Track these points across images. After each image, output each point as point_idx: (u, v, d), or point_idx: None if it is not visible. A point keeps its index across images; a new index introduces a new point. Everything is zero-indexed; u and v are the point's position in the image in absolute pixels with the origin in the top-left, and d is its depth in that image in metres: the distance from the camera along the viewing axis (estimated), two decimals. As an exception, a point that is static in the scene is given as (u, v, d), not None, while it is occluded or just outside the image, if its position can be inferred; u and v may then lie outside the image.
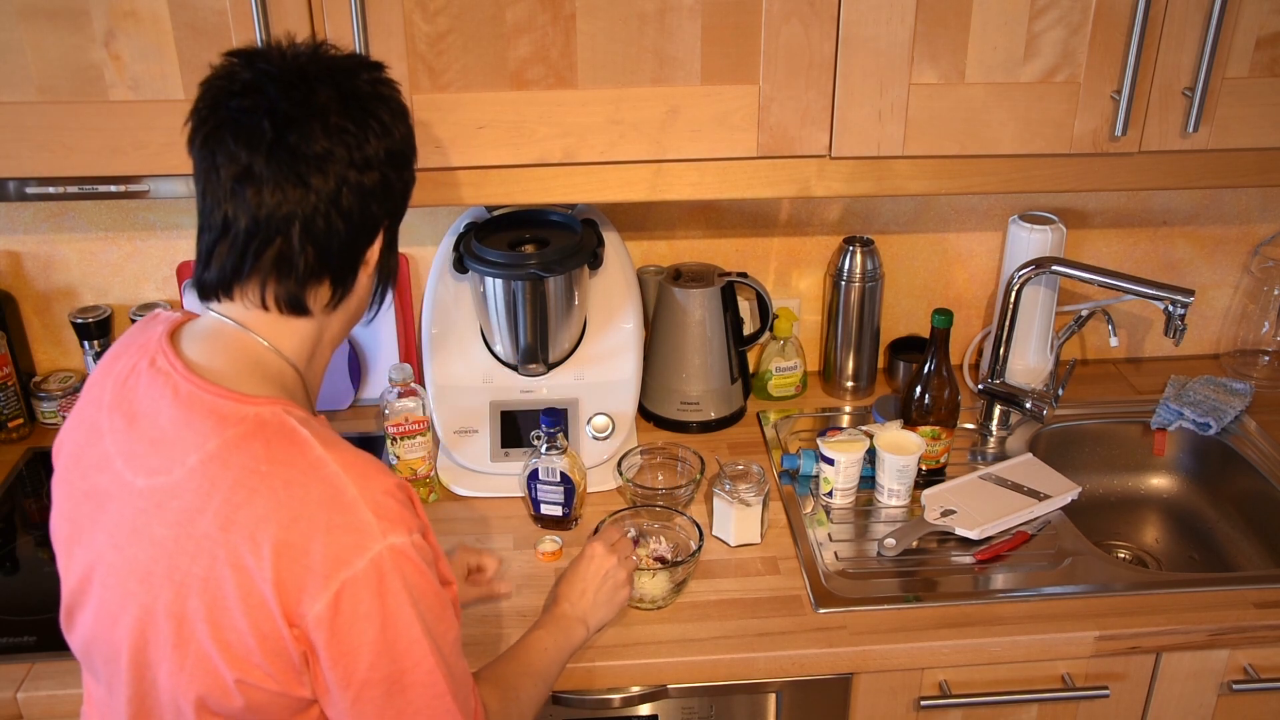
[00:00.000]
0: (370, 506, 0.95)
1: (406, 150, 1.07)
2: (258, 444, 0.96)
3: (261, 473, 0.95)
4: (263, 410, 0.99)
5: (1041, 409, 1.70)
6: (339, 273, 1.04)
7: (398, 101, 1.07)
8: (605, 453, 1.66)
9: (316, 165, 0.98)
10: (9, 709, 1.30)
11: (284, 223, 0.98)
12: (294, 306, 1.03)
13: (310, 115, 0.98)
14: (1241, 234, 1.92)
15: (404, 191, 1.09)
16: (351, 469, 0.97)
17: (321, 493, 0.95)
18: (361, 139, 1.00)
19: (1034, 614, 1.40)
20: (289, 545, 0.93)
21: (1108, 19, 1.35)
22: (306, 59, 1.02)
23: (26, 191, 1.39)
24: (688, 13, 1.32)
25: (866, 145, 1.41)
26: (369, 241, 1.05)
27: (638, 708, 1.38)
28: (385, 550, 0.94)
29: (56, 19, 1.28)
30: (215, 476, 0.95)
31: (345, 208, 1.00)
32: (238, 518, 0.94)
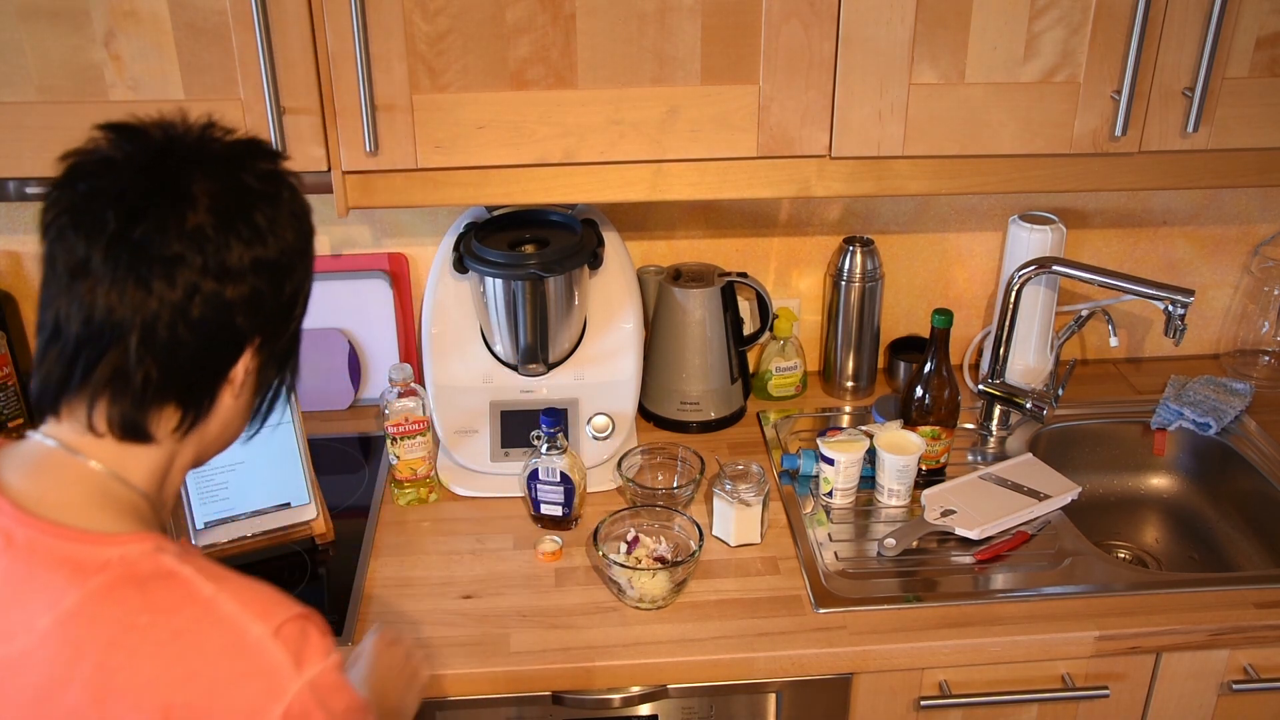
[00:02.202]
0: (280, 642, 0.82)
1: (289, 261, 0.90)
2: (131, 593, 0.82)
3: (141, 627, 0.80)
4: (128, 551, 0.84)
5: (1041, 409, 1.70)
6: (188, 395, 0.89)
7: (295, 202, 0.92)
8: (605, 453, 1.66)
9: (163, 268, 0.83)
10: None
11: (119, 330, 0.83)
12: (131, 431, 0.87)
13: (166, 209, 0.84)
14: (1241, 234, 1.92)
15: (285, 305, 0.92)
16: (251, 605, 0.84)
17: (221, 640, 0.81)
18: (223, 244, 0.85)
19: (1034, 614, 1.40)
20: (187, 708, 0.79)
21: (1108, 19, 1.35)
22: (186, 141, 0.89)
23: (26, 191, 1.39)
24: (688, 13, 1.32)
25: (866, 145, 1.41)
26: (230, 359, 0.90)
27: (638, 708, 1.38)
28: (305, 688, 0.82)
29: (56, 19, 1.28)
30: (80, 639, 0.80)
31: (196, 320, 0.85)
32: (115, 684, 0.79)
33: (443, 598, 1.44)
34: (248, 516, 1.51)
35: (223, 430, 0.95)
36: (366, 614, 1.42)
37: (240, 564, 1.50)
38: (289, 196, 0.92)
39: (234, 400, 0.93)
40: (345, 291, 1.81)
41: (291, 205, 0.92)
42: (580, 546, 1.53)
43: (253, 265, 0.87)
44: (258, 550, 1.52)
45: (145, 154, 0.87)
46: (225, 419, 0.94)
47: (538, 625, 1.39)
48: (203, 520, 1.48)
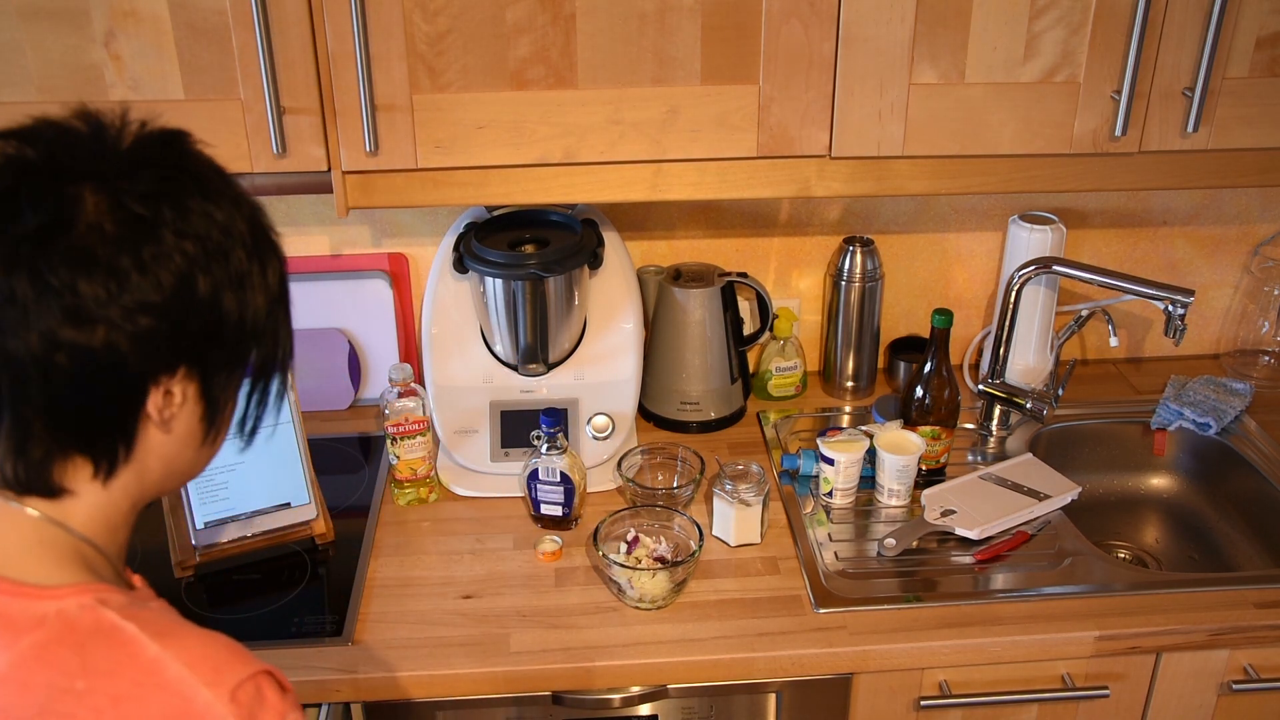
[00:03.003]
0: (234, 710, 0.75)
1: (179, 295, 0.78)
2: (67, 653, 0.74)
3: (78, 692, 0.73)
4: (66, 605, 0.76)
5: (1041, 409, 1.70)
6: (90, 444, 0.80)
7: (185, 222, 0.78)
8: (605, 453, 1.66)
9: (16, 317, 0.74)
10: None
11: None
12: (38, 487, 0.80)
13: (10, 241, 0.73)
14: (1241, 234, 1.92)
15: (200, 331, 0.80)
16: (202, 666, 0.76)
17: (164, 705, 0.74)
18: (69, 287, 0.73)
19: (1034, 614, 1.40)
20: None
21: (1108, 19, 1.35)
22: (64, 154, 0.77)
23: (26, 191, 1.39)
24: (688, 13, 1.32)
25: (866, 145, 1.41)
26: (131, 403, 0.79)
27: (638, 708, 1.38)
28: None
29: (56, 19, 1.28)
30: (10, 706, 0.74)
31: (66, 370, 0.75)
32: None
33: (443, 598, 1.44)
34: (248, 516, 1.51)
35: (168, 464, 0.85)
36: (366, 614, 1.42)
37: (240, 564, 1.50)
38: (175, 217, 0.78)
39: (166, 435, 0.83)
40: (345, 291, 1.81)
41: (179, 226, 0.78)
42: (580, 546, 1.53)
43: (124, 309, 0.75)
44: (258, 550, 1.52)
45: (14, 172, 0.76)
46: (166, 454, 0.84)
47: (538, 625, 1.39)
48: (203, 520, 1.48)
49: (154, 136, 0.82)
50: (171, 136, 0.83)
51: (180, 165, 0.82)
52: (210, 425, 0.86)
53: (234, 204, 0.83)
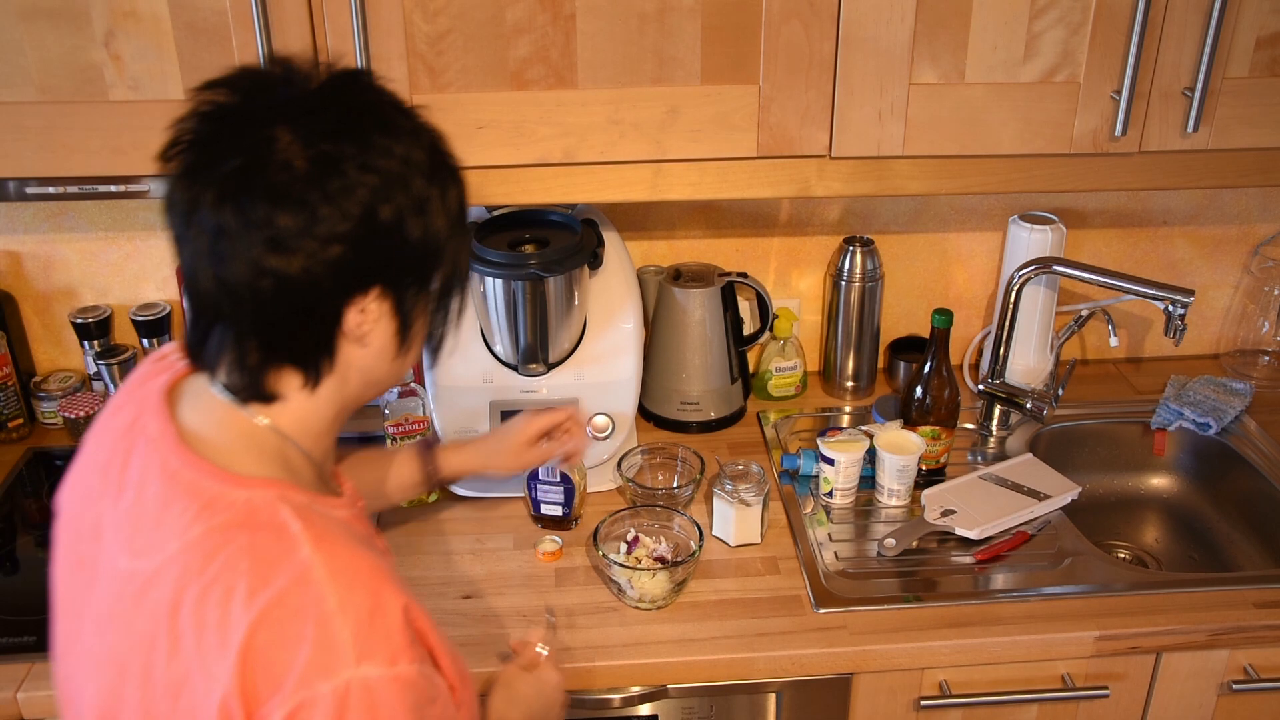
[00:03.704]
0: (350, 624, 0.82)
1: (367, 224, 0.86)
2: (242, 537, 0.85)
3: (241, 570, 0.83)
4: (254, 496, 0.87)
5: (1041, 409, 1.70)
6: (299, 356, 0.90)
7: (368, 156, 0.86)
8: (605, 453, 1.66)
9: (229, 247, 0.83)
10: (9, 709, 1.30)
11: (214, 304, 0.87)
12: (253, 394, 0.90)
13: (217, 181, 0.84)
14: (1241, 234, 1.92)
15: (387, 254, 0.88)
16: (340, 577, 0.84)
17: (299, 600, 0.82)
18: (267, 221, 0.83)
19: (1034, 614, 1.40)
20: (257, 650, 0.81)
21: (1108, 19, 1.35)
22: (260, 101, 0.86)
23: (26, 191, 1.39)
24: (688, 13, 1.32)
25: (866, 145, 1.41)
26: (331, 322, 0.89)
27: (638, 708, 1.38)
28: (354, 681, 0.81)
29: (56, 19, 1.28)
30: (194, 568, 0.84)
31: (271, 292, 0.85)
32: (209, 618, 0.83)
33: (443, 598, 1.44)
34: (248, 516, 1.50)
35: (366, 375, 0.94)
36: (366, 614, 1.41)
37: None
38: (356, 151, 0.85)
39: (364, 349, 0.92)
40: (345, 291, 1.80)
41: (361, 160, 0.85)
42: (580, 546, 1.53)
43: (318, 239, 0.84)
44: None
45: (221, 118, 0.86)
46: (364, 366, 0.93)
47: (538, 625, 1.39)
48: (203, 520, 1.48)
49: (339, 76, 0.89)
50: (354, 76, 0.91)
51: (362, 103, 0.89)
52: (403, 339, 0.94)
53: (413, 135, 0.91)
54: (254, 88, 0.88)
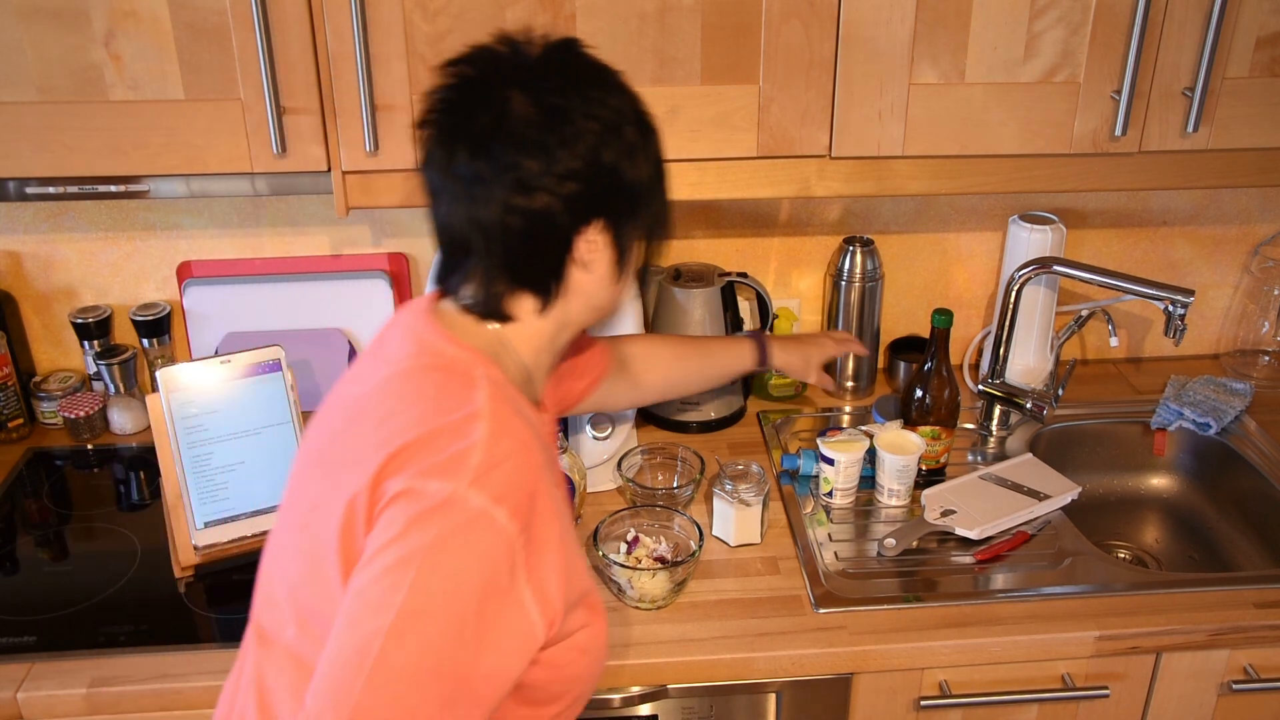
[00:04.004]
0: (484, 456, 0.93)
1: (593, 163, 1.00)
2: (437, 375, 1.01)
3: (426, 396, 0.99)
4: (463, 356, 1.03)
5: (1041, 409, 1.70)
6: (535, 283, 1.05)
7: (591, 107, 1.00)
8: (605, 453, 1.66)
9: (481, 190, 0.99)
10: (9, 709, 1.30)
11: (465, 239, 1.03)
12: (492, 313, 1.06)
13: (474, 140, 0.99)
14: (1241, 234, 1.92)
15: (610, 191, 1.02)
16: (496, 423, 0.97)
17: (457, 421, 0.96)
18: (517, 166, 0.98)
19: (1034, 614, 1.40)
20: (410, 446, 0.95)
21: (1108, 19, 1.35)
22: (497, 68, 1.02)
23: (26, 191, 1.39)
24: (688, 12, 1.32)
25: (866, 145, 1.41)
26: (563, 248, 1.03)
27: (638, 708, 1.38)
28: (458, 495, 0.91)
29: (56, 19, 1.28)
30: (391, 389, 1.01)
31: (517, 227, 1.00)
32: (389, 422, 0.97)
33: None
34: (248, 516, 1.51)
35: (587, 299, 1.08)
36: (366, 614, 1.41)
37: (240, 564, 1.50)
38: (580, 102, 1.00)
39: (588, 274, 1.05)
40: (345, 291, 1.80)
41: (585, 110, 1.00)
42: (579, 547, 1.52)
43: (555, 177, 0.98)
44: (258, 550, 1.51)
45: (463, 87, 1.02)
46: (587, 290, 1.07)
47: None
48: (203, 520, 1.48)
49: (556, 45, 1.05)
50: (569, 43, 1.05)
51: (579, 65, 1.05)
52: (620, 266, 1.08)
53: (620, 92, 1.05)
54: (487, 60, 1.03)
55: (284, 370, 1.53)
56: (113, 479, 1.71)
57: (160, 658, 1.34)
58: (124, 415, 1.78)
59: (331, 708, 0.87)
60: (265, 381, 1.52)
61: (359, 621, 0.89)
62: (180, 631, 1.39)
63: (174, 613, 1.42)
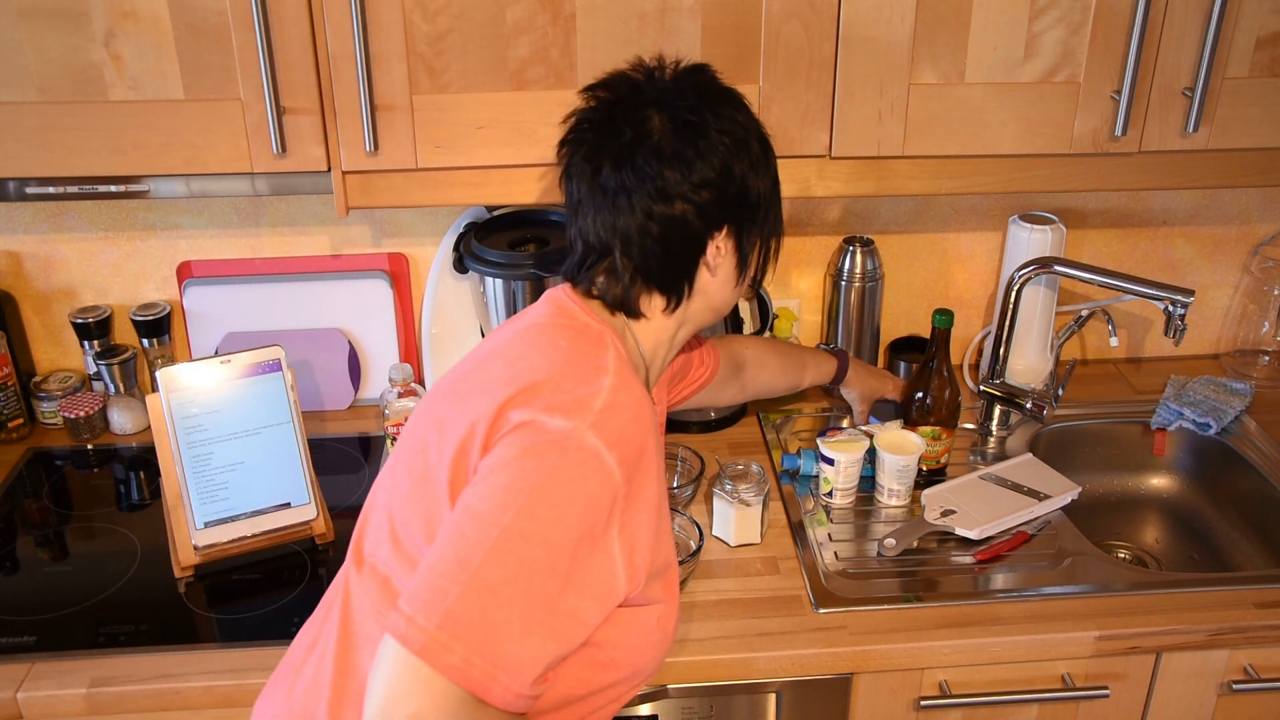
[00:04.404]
0: (604, 404, 1.01)
1: (724, 172, 1.10)
2: (569, 332, 1.10)
3: (559, 347, 1.08)
4: (592, 324, 1.11)
5: (1041, 409, 1.70)
6: (667, 283, 1.13)
7: (721, 121, 1.10)
8: (605, 453, 1.66)
9: (625, 200, 1.09)
10: (9, 709, 1.30)
11: (606, 245, 1.11)
12: (625, 309, 1.15)
13: (618, 155, 1.09)
14: (1241, 234, 1.92)
15: (738, 199, 1.12)
16: (619, 380, 1.04)
17: (586, 370, 1.04)
18: (659, 176, 1.08)
19: (1034, 614, 1.40)
20: (537, 385, 1.03)
21: (1108, 19, 1.35)
22: (632, 92, 1.12)
23: (26, 191, 1.39)
24: (688, 13, 1.32)
25: (866, 145, 1.41)
26: (696, 252, 1.12)
27: (638, 708, 1.38)
28: (577, 432, 0.98)
29: (56, 19, 1.28)
30: (522, 338, 1.11)
31: (656, 233, 1.09)
32: (519, 364, 1.06)
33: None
34: (248, 516, 1.51)
35: (709, 300, 1.17)
36: (366, 614, 1.41)
37: (240, 564, 1.50)
38: (714, 119, 1.10)
39: (713, 277, 1.15)
40: (345, 291, 1.81)
41: (718, 126, 1.10)
42: (580, 546, 1.52)
43: (692, 186, 1.08)
44: (258, 550, 1.52)
45: (606, 108, 1.12)
46: (713, 291, 1.16)
47: None
48: (203, 520, 1.48)
49: (688, 70, 1.15)
50: (700, 69, 1.16)
51: (710, 87, 1.15)
52: (741, 271, 1.17)
53: (746, 111, 1.15)
54: (625, 84, 1.13)
55: (284, 370, 1.53)
56: (113, 479, 1.71)
57: (160, 658, 1.34)
58: (124, 415, 1.78)
59: (424, 609, 0.92)
60: (265, 381, 1.52)
61: (464, 534, 0.95)
62: (180, 631, 1.39)
63: (174, 613, 1.42)
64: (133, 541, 1.56)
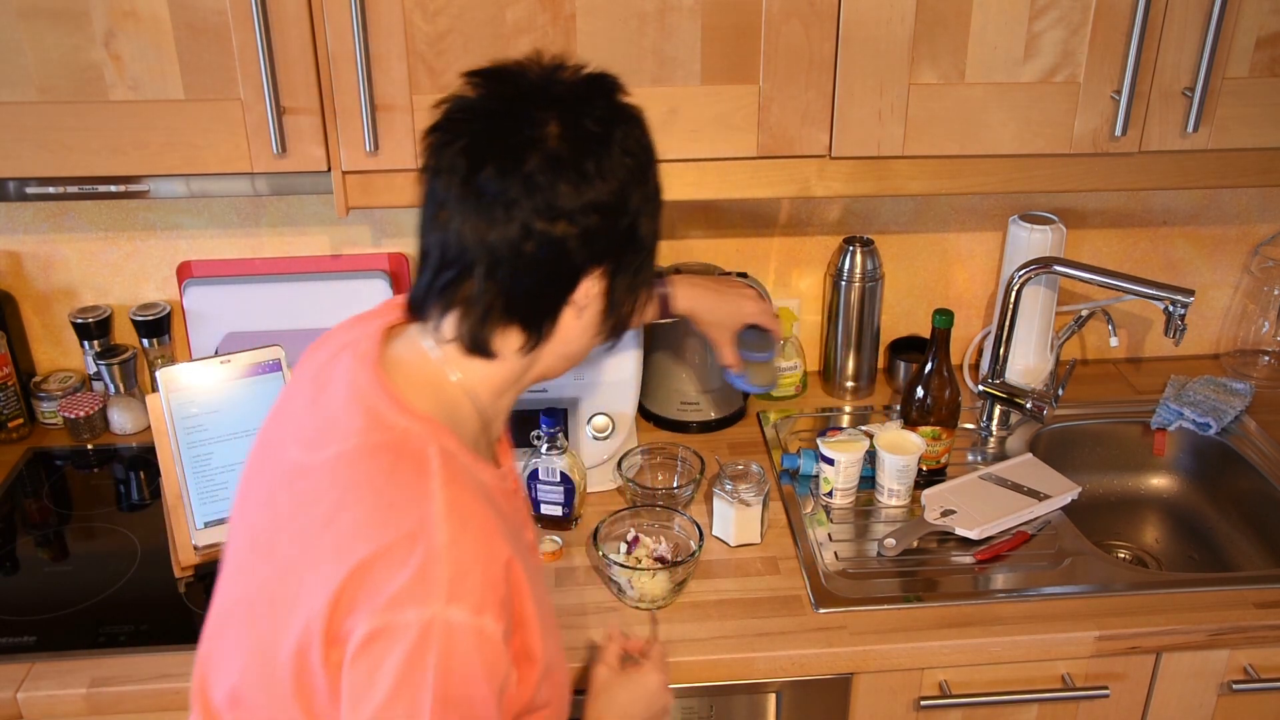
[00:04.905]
0: (450, 565, 0.88)
1: (620, 198, 0.96)
2: (388, 458, 0.94)
3: (376, 486, 0.92)
4: (414, 427, 0.95)
5: (1041, 409, 1.70)
6: (530, 317, 0.98)
7: (628, 141, 0.97)
8: (605, 453, 1.66)
9: (502, 210, 0.93)
10: (9, 709, 1.30)
11: (469, 259, 0.95)
12: (476, 346, 0.99)
13: (505, 155, 0.93)
14: (1241, 234, 1.92)
15: (625, 235, 0.98)
16: (455, 518, 0.90)
17: (413, 528, 0.90)
18: (551, 189, 0.93)
19: (1034, 614, 1.40)
20: (366, 565, 0.89)
21: (1108, 19, 1.35)
22: (534, 86, 0.97)
23: (26, 191, 1.39)
24: (688, 13, 1.32)
25: (866, 145, 1.41)
26: (568, 286, 0.97)
27: (638, 708, 1.38)
28: (439, 618, 0.86)
29: (56, 19, 1.28)
30: (340, 474, 0.95)
31: (530, 254, 0.94)
32: (339, 520, 0.92)
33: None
34: (248, 516, 1.51)
35: (565, 346, 1.02)
36: (366, 614, 1.41)
37: (240, 564, 1.50)
38: (621, 136, 0.97)
39: (576, 320, 1.00)
40: (345, 291, 1.80)
41: (624, 144, 0.97)
42: (580, 546, 1.53)
43: (582, 207, 0.94)
44: (258, 550, 1.52)
45: (496, 100, 0.97)
46: (572, 338, 1.02)
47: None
48: (203, 520, 1.48)
49: (595, 76, 1.00)
50: (607, 78, 1.01)
51: (617, 99, 1.00)
52: (606, 319, 1.03)
53: (650, 137, 1.02)
54: (523, 78, 0.98)
55: (284, 370, 1.53)
56: (113, 479, 1.71)
57: (160, 658, 1.34)
58: (124, 415, 1.78)
59: None
60: (265, 381, 1.52)
61: None
62: (180, 631, 1.38)
63: (174, 613, 1.42)
64: (133, 541, 1.56)
